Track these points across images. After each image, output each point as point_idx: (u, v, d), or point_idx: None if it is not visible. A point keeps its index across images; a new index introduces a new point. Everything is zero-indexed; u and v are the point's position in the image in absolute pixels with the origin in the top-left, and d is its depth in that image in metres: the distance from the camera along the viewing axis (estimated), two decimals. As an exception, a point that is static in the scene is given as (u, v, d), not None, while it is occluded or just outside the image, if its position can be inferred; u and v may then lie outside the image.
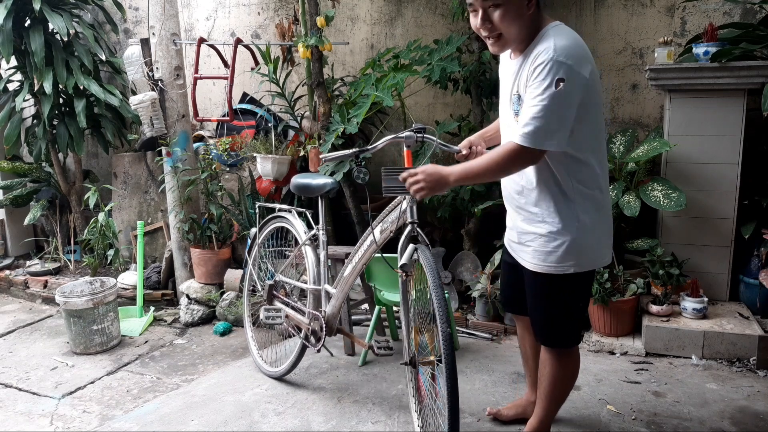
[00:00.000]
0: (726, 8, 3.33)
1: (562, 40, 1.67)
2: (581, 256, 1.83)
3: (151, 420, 2.53)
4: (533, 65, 1.68)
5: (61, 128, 4.17)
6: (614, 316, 3.01)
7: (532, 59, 1.70)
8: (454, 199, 3.47)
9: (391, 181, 2.02)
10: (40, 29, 3.91)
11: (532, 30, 1.75)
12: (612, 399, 2.53)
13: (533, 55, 1.70)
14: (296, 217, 2.81)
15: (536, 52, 1.69)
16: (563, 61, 1.63)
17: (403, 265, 1.97)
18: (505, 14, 1.71)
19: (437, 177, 1.81)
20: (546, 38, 1.70)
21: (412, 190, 1.87)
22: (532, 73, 1.67)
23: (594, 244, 1.85)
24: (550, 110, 1.63)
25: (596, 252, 1.87)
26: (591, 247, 1.85)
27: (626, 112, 3.63)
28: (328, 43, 3.51)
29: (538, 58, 1.66)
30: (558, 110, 1.64)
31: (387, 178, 2.02)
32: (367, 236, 2.31)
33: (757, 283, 3.05)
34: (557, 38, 1.68)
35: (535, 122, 1.64)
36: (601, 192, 1.84)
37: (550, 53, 1.64)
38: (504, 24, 1.72)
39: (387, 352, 2.31)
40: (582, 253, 1.83)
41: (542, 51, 1.66)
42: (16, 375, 3.13)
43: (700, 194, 3.10)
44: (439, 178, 1.81)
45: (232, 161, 4.12)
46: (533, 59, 1.69)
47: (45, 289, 4.28)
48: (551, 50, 1.64)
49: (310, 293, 2.66)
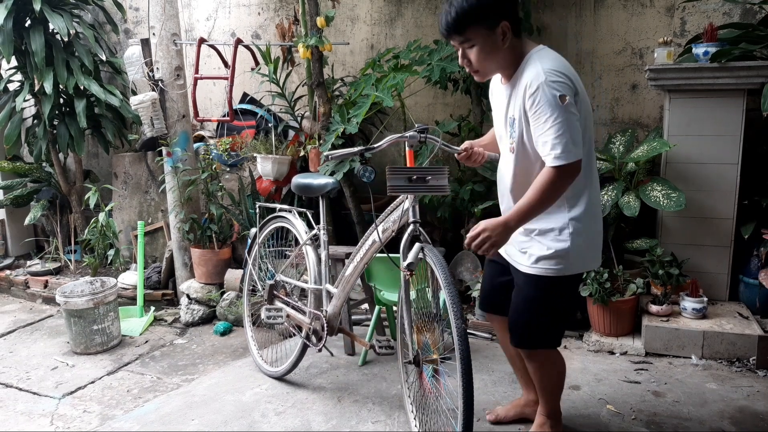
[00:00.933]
0: (726, 8, 3.34)
1: (547, 63, 1.73)
2: (572, 258, 1.86)
3: (152, 420, 2.54)
4: (529, 91, 1.72)
5: (62, 128, 4.17)
6: (614, 316, 3.01)
7: (524, 88, 1.74)
8: (454, 199, 3.47)
9: (396, 180, 2.03)
10: (41, 29, 3.92)
11: (515, 57, 1.81)
12: (612, 399, 2.53)
13: (523, 83, 1.75)
14: (297, 217, 2.82)
15: (526, 81, 1.74)
16: (555, 79, 1.69)
17: (410, 264, 1.98)
18: (480, 52, 1.79)
19: (501, 228, 1.76)
20: (532, 64, 1.76)
21: (483, 249, 1.77)
22: (532, 104, 1.71)
23: (584, 247, 1.89)
24: (566, 125, 1.68)
25: (586, 255, 1.91)
26: (582, 250, 1.88)
27: (626, 112, 3.63)
28: (328, 43, 3.51)
29: (531, 87, 1.71)
30: (572, 122, 1.70)
31: (392, 177, 2.03)
32: (368, 235, 2.32)
33: (757, 283, 3.05)
34: (542, 62, 1.74)
35: (560, 140, 1.68)
36: (591, 197, 1.88)
37: (540, 78, 1.69)
38: (479, 61, 1.81)
39: (388, 351, 2.32)
40: (573, 256, 1.86)
41: (532, 79, 1.71)
42: (17, 375, 3.13)
43: (700, 194, 3.10)
44: (503, 228, 1.76)
45: (232, 161, 4.12)
46: (525, 88, 1.74)
47: (45, 289, 4.28)
48: (541, 74, 1.70)
49: (311, 293, 2.66)
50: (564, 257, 1.85)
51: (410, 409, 2.27)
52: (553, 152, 1.69)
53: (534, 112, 1.72)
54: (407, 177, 2.03)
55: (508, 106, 1.86)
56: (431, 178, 2.05)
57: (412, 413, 2.25)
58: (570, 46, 3.67)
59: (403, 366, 2.30)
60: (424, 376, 2.11)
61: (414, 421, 2.23)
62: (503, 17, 1.75)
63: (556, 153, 1.69)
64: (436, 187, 2.07)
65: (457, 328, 1.81)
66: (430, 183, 2.06)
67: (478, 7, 1.73)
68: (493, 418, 2.35)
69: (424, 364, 2.08)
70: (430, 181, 2.05)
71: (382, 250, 2.25)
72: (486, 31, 1.76)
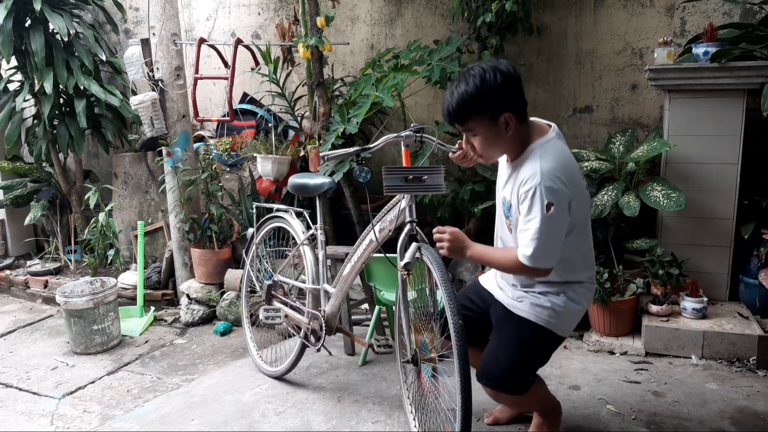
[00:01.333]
0: (726, 8, 3.34)
1: (547, 163, 1.72)
2: (563, 319, 1.91)
3: (152, 420, 2.54)
4: (523, 188, 1.74)
5: (62, 128, 4.17)
6: (614, 315, 3.01)
7: (521, 181, 1.76)
8: (454, 199, 3.47)
9: (392, 180, 2.02)
10: (41, 29, 3.92)
11: (520, 143, 1.81)
12: (612, 399, 2.53)
13: (521, 176, 1.76)
14: (294, 217, 2.82)
15: (523, 176, 1.75)
16: (550, 185, 1.70)
17: (407, 263, 1.98)
18: (483, 141, 1.80)
19: (460, 244, 1.88)
20: (532, 159, 1.75)
21: (438, 245, 1.93)
22: (523, 198, 1.74)
23: (573, 316, 1.93)
24: (545, 233, 1.71)
25: (571, 324, 1.95)
26: (571, 317, 1.93)
27: (626, 112, 3.63)
28: (328, 43, 3.51)
29: (526, 184, 1.73)
30: (551, 232, 1.72)
31: (388, 177, 2.02)
32: (366, 235, 2.32)
33: (757, 283, 3.05)
34: (543, 160, 1.73)
35: (533, 244, 1.73)
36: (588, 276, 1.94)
37: (536, 179, 1.70)
38: (483, 149, 1.82)
39: (387, 350, 2.33)
40: (564, 318, 1.91)
41: (529, 176, 1.72)
42: (17, 375, 3.13)
43: (700, 194, 3.10)
44: (462, 247, 1.88)
45: (232, 161, 4.12)
46: (521, 182, 1.75)
47: (45, 289, 4.28)
48: (537, 175, 1.70)
49: (309, 293, 2.66)
50: (558, 315, 1.88)
51: (409, 410, 2.27)
52: (525, 250, 1.74)
53: (522, 206, 1.75)
54: (403, 177, 2.03)
55: (505, 186, 1.89)
56: (428, 177, 2.05)
57: (412, 414, 2.25)
58: (570, 46, 3.68)
59: (402, 366, 2.30)
60: (423, 375, 2.11)
61: (414, 421, 2.22)
62: (505, 108, 1.74)
63: (526, 253, 1.74)
64: (432, 186, 2.07)
65: (454, 325, 1.81)
66: (426, 182, 2.06)
67: (480, 98, 1.71)
68: (491, 420, 2.35)
69: (422, 363, 2.08)
70: (427, 180, 2.06)
71: (379, 250, 2.25)
72: (488, 122, 1.76)
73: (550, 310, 1.87)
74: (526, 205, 1.72)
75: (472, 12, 3.44)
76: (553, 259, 1.76)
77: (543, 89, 3.78)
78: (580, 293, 1.91)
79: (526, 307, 1.90)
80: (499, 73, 1.71)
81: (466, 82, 1.72)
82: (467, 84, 1.72)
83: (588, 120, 3.72)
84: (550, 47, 3.72)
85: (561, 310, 1.87)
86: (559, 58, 3.72)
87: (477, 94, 1.71)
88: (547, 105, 3.78)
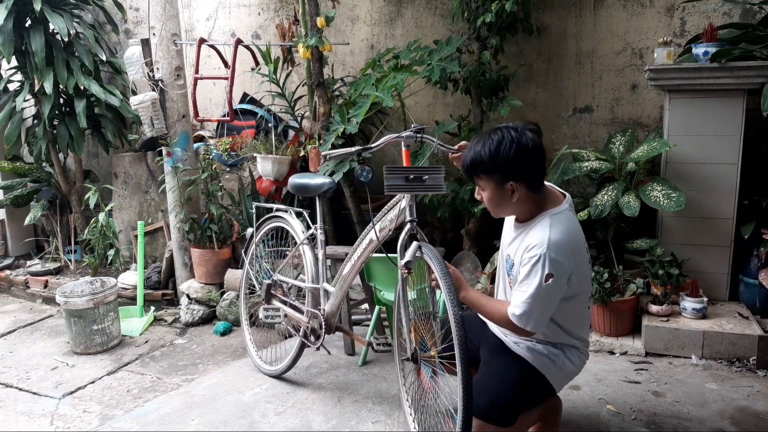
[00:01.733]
0: (725, 8, 3.34)
1: (556, 234, 1.76)
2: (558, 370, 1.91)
3: (152, 420, 2.54)
4: (527, 253, 1.77)
5: (62, 128, 4.17)
6: (614, 315, 3.01)
7: (527, 246, 1.78)
8: (454, 200, 3.47)
9: (393, 179, 2.03)
10: (41, 29, 3.92)
11: (530, 210, 1.85)
12: (612, 399, 2.53)
13: (528, 241, 1.79)
14: (294, 217, 2.82)
15: (530, 241, 1.78)
16: (554, 257, 1.73)
17: (407, 262, 1.98)
18: (490, 199, 1.86)
19: (458, 284, 1.91)
20: (542, 227, 1.79)
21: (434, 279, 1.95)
22: (526, 262, 1.77)
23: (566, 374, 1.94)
24: (539, 299, 1.75)
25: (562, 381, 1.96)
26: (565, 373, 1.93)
27: (626, 113, 3.63)
28: (328, 43, 3.51)
29: (531, 250, 1.76)
30: (544, 301, 1.76)
31: (389, 177, 2.03)
32: (366, 234, 2.32)
33: (757, 283, 3.05)
34: (552, 230, 1.76)
35: (524, 306, 1.76)
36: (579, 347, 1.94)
37: (543, 248, 1.73)
38: (489, 206, 1.89)
39: (386, 348, 2.35)
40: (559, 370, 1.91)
41: (536, 244, 1.75)
42: (17, 375, 3.13)
43: (700, 194, 3.10)
44: (458, 287, 1.91)
45: (232, 161, 4.12)
46: (527, 247, 1.78)
47: (45, 289, 4.28)
48: (544, 245, 1.73)
49: (309, 292, 2.66)
50: (554, 364, 1.89)
51: (409, 412, 2.27)
52: (516, 310, 1.78)
53: (523, 269, 1.78)
54: (404, 176, 2.04)
55: (511, 244, 1.92)
56: (428, 177, 2.07)
57: (411, 415, 2.25)
58: (570, 46, 3.68)
59: (401, 363, 2.30)
60: (423, 372, 2.10)
61: (413, 423, 2.22)
62: (512, 178, 1.79)
63: (516, 312, 1.77)
64: (432, 186, 2.08)
65: (454, 316, 1.81)
66: (426, 182, 2.07)
67: (489, 163, 1.79)
68: None
69: (422, 361, 2.08)
70: (427, 180, 2.07)
71: (380, 250, 2.25)
72: (495, 185, 1.82)
73: (546, 358, 1.90)
74: (526, 268, 1.76)
75: (472, 12, 3.44)
76: (539, 324, 1.80)
77: (543, 89, 3.79)
78: (575, 355, 1.94)
79: (523, 350, 1.92)
80: (516, 145, 1.77)
81: (483, 144, 1.80)
82: (483, 146, 1.80)
83: (588, 120, 3.73)
84: (550, 47, 3.72)
85: (557, 360, 1.90)
86: (559, 58, 3.72)
87: (488, 159, 1.79)
88: (547, 105, 3.78)
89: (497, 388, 1.86)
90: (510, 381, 1.87)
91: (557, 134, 3.78)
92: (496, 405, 1.82)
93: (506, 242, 1.97)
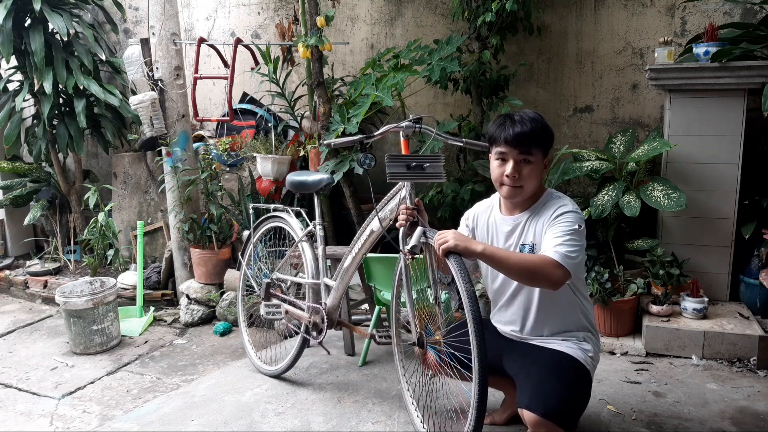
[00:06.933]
0: (726, 8, 3.33)
1: (571, 202, 1.97)
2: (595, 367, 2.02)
3: (151, 420, 2.53)
4: (556, 213, 1.91)
5: (61, 128, 4.17)
6: (614, 316, 3.01)
7: (550, 214, 1.92)
8: (455, 199, 3.46)
9: (395, 167, 2.04)
10: (40, 29, 3.91)
11: (539, 189, 2.01)
12: (612, 399, 2.53)
13: (548, 212, 1.94)
14: (292, 216, 2.81)
15: (553, 209, 1.93)
16: (581, 216, 1.93)
17: (413, 246, 2.00)
18: (533, 171, 1.95)
19: (465, 239, 1.92)
20: (557, 198, 1.99)
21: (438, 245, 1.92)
22: (559, 215, 1.90)
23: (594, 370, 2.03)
24: (578, 243, 1.87)
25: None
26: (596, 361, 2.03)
27: (626, 112, 3.63)
28: (328, 43, 3.51)
29: (560, 209, 1.92)
30: (581, 245, 1.89)
31: (391, 165, 2.04)
32: (366, 225, 2.33)
33: (758, 283, 3.05)
34: (565, 199, 1.98)
35: (567, 246, 1.84)
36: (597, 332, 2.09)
37: (571, 206, 1.94)
38: (530, 178, 1.95)
39: (389, 340, 2.37)
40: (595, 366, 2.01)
41: (561, 205, 1.94)
42: (16, 375, 3.13)
43: (701, 194, 3.10)
44: (468, 241, 1.91)
45: (232, 161, 4.12)
46: (551, 215, 1.92)
47: (45, 289, 4.28)
48: (570, 205, 1.94)
49: (310, 287, 2.65)
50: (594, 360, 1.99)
51: (413, 410, 2.27)
52: (560, 248, 1.82)
53: (559, 220, 1.89)
54: (406, 164, 2.06)
55: (521, 234, 1.99)
56: (428, 165, 2.09)
57: (416, 412, 2.25)
58: (570, 45, 3.67)
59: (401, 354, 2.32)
60: (429, 355, 2.09)
61: (419, 419, 2.22)
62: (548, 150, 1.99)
63: (561, 251, 1.81)
64: (433, 174, 2.10)
65: (466, 291, 1.83)
66: (427, 170, 2.09)
67: (545, 134, 1.96)
68: (489, 421, 2.35)
69: (428, 345, 2.07)
70: (428, 168, 2.09)
71: (383, 239, 2.25)
72: (541, 156, 1.96)
73: (586, 354, 1.97)
74: (560, 220, 1.88)
75: (473, 11, 3.44)
76: (578, 268, 1.87)
77: (543, 89, 3.78)
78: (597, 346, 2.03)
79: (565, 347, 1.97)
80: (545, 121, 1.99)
81: (532, 117, 1.93)
82: (534, 119, 1.93)
83: (588, 120, 3.72)
84: (550, 47, 3.72)
85: (594, 356, 1.99)
86: (560, 57, 3.71)
87: (544, 131, 1.94)
88: (548, 104, 3.77)
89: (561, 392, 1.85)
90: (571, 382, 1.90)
91: (558, 134, 3.77)
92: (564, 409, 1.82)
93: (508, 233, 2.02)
